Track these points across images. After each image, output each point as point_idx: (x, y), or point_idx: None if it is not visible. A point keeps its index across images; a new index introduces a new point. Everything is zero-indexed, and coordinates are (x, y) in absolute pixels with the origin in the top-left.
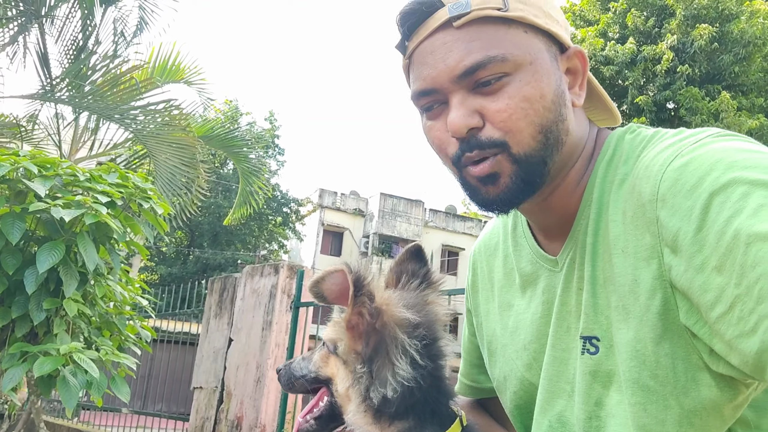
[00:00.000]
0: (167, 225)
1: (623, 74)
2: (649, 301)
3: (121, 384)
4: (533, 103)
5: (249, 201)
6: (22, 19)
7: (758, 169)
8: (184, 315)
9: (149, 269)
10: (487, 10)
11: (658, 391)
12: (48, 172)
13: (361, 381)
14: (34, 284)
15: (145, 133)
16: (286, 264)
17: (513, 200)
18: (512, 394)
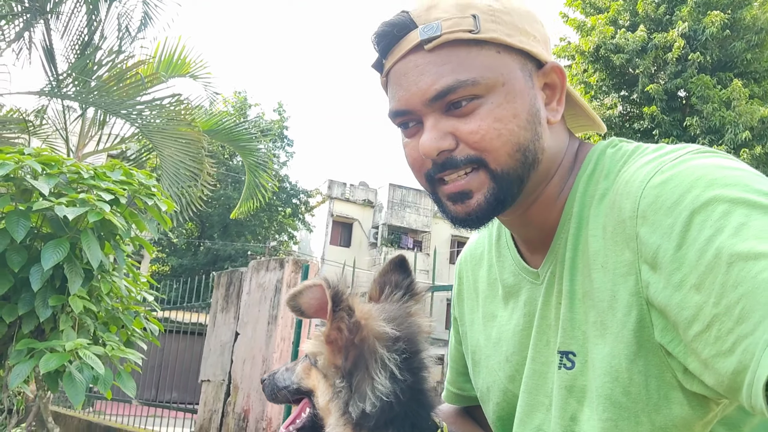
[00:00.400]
0: (171, 221)
1: (634, 62)
2: (625, 317)
3: (127, 379)
4: (506, 123)
5: (255, 194)
6: (28, 15)
7: (738, 186)
8: (195, 307)
9: (160, 260)
10: (458, 33)
11: (630, 408)
12: (52, 170)
13: (340, 395)
14: (40, 281)
15: (150, 128)
16: (291, 259)
17: (481, 219)
18: (495, 405)
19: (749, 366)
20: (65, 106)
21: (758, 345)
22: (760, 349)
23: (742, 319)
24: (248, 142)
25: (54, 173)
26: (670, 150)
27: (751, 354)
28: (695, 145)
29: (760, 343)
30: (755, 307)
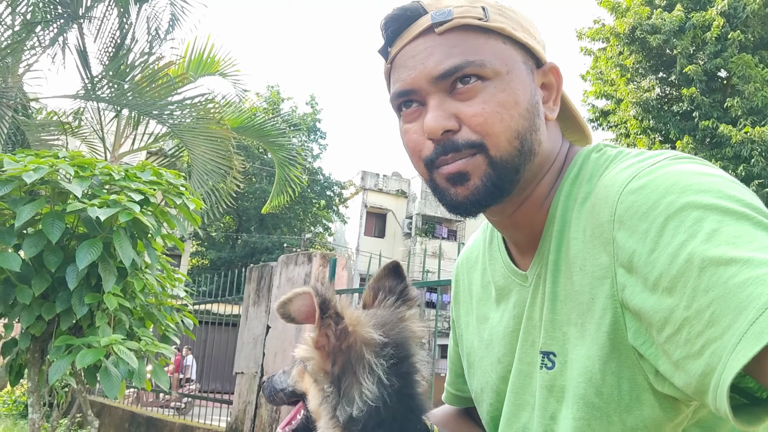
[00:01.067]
0: (201, 219)
1: (671, 43)
2: (600, 319)
3: (161, 373)
4: (508, 108)
5: (286, 189)
6: (61, 21)
7: (711, 193)
8: (233, 299)
9: (200, 254)
10: (468, 19)
11: (603, 408)
12: (85, 173)
13: (328, 399)
14: (75, 280)
15: (181, 127)
16: (319, 253)
17: (481, 202)
18: (488, 405)
19: (716, 369)
20: (100, 108)
21: (726, 348)
22: (727, 352)
23: (712, 323)
24: (277, 137)
25: (87, 175)
26: (649, 156)
27: (719, 357)
28: (674, 151)
29: (728, 346)
30: (725, 312)
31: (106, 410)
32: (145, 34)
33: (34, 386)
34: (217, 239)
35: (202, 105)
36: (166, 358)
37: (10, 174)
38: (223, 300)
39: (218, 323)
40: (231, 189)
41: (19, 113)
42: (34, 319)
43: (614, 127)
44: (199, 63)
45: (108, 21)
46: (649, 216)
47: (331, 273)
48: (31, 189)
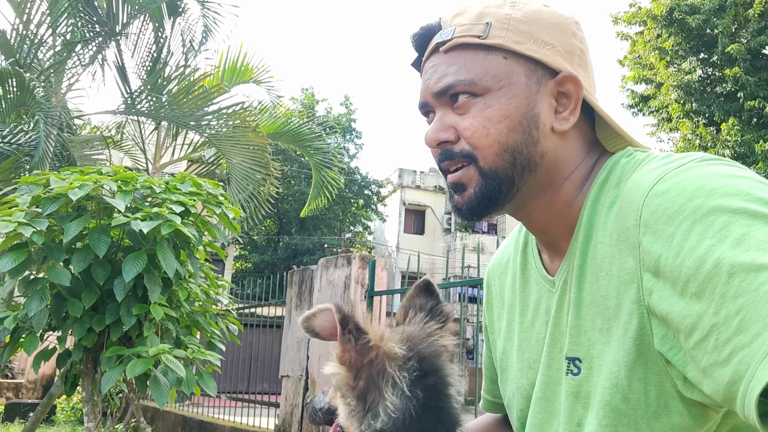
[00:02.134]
0: (240, 226)
1: (711, 22)
2: (627, 325)
3: (209, 379)
4: (495, 123)
5: (323, 192)
6: (100, 39)
7: (740, 196)
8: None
9: (243, 258)
10: (466, 38)
11: (630, 415)
12: (127, 187)
13: (354, 414)
14: (123, 292)
15: (218, 136)
16: (358, 255)
17: (475, 211)
18: (518, 411)
19: (744, 377)
20: (140, 121)
21: (755, 357)
22: (756, 360)
23: (741, 330)
24: (313, 141)
25: (129, 190)
26: (675, 158)
27: (747, 365)
28: (702, 153)
29: (757, 354)
30: (754, 319)
31: (160, 414)
32: (180, 46)
33: (88, 395)
34: (259, 243)
35: (237, 113)
36: (213, 365)
37: (57, 192)
38: (266, 303)
39: (263, 325)
40: (269, 194)
41: (64, 131)
42: (85, 331)
43: (655, 112)
44: (233, 72)
45: (144, 36)
46: (675, 220)
47: (370, 274)
48: (78, 205)
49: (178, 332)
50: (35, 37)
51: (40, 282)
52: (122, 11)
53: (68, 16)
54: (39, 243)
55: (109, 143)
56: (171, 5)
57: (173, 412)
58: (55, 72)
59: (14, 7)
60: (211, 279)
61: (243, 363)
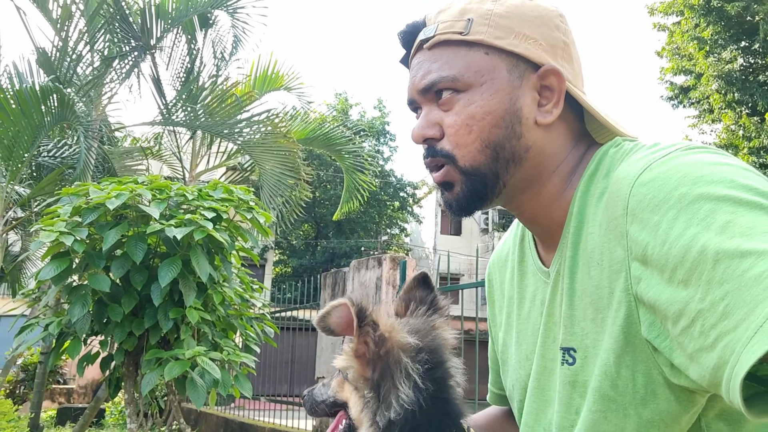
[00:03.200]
0: (271, 231)
1: (752, 9)
2: (616, 313)
3: (244, 381)
4: (478, 120)
5: (355, 196)
6: (135, 53)
7: (723, 183)
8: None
9: (282, 262)
10: (448, 35)
11: (618, 401)
12: (161, 196)
13: (369, 405)
14: (160, 297)
15: (250, 144)
16: (389, 256)
17: (464, 207)
18: (519, 402)
19: (728, 361)
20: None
21: (739, 341)
22: (741, 345)
23: (726, 316)
24: (344, 145)
25: (163, 198)
26: (661, 147)
27: (731, 350)
28: (687, 142)
29: (741, 339)
30: (739, 305)
31: (203, 417)
32: (212, 57)
33: (131, 398)
34: (297, 247)
35: (269, 120)
36: (248, 367)
37: (96, 202)
38: (302, 306)
39: (303, 329)
40: (301, 199)
41: (104, 143)
42: (126, 335)
43: (696, 103)
44: (264, 80)
45: (177, 48)
46: (661, 208)
47: (401, 275)
48: (116, 214)
49: (214, 335)
50: (74, 54)
51: (83, 288)
52: (156, 26)
53: (105, 32)
54: (80, 251)
55: (147, 154)
56: (202, 17)
57: (215, 414)
58: (94, 87)
59: (53, 26)
60: (246, 283)
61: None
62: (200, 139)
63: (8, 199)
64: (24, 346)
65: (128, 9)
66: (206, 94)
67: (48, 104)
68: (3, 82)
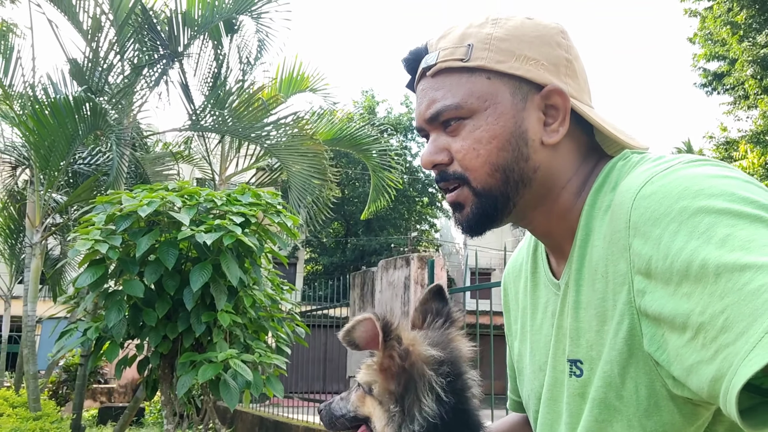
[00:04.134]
0: (299, 233)
1: None
2: (619, 325)
3: (275, 382)
4: (484, 144)
5: (382, 194)
6: (164, 61)
7: (724, 196)
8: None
9: (314, 260)
10: (449, 62)
11: (623, 411)
12: (191, 202)
13: (394, 419)
14: (192, 301)
15: (277, 146)
16: (416, 255)
17: (475, 228)
18: (534, 413)
19: (726, 374)
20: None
21: (738, 354)
22: (739, 358)
23: (725, 329)
24: (370, 144)
25: (193, 204)
26: (665, 160)
27: (730, 362)
28: (691, 155)
29: (740, 352)
30: (738, 318)
31: (238, 415)
32: (237, 62)
33: (167, 399)
34: (328, 245)
35: (296, 122)
36: (279, 368)
37: (128, 210)
38: (333, 305)
39: (336, 326)
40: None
41: (136, 150)
42: (160, 339)
43: (730, 89)
44: (290, 82)
45: (204, 54)
46: (662, 222)
47: (429, 274)
48: (149, 220)
49: (246, 337)
50: (105, 63)
51: (118, 294)
52: (183, 33)
53: (134, 41)
54: (114, 258)
55: (177, 158)
56: (227, 23)
57: (251, 412)
58: (124, 95)
59: (84, 37)
60: (276, 285)
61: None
62: (229, 142)
63: (46, 207)
64: (64, 350)
65: (156, 18)
66: (233, 99)
67: (81, 113)
68: (38, 93)
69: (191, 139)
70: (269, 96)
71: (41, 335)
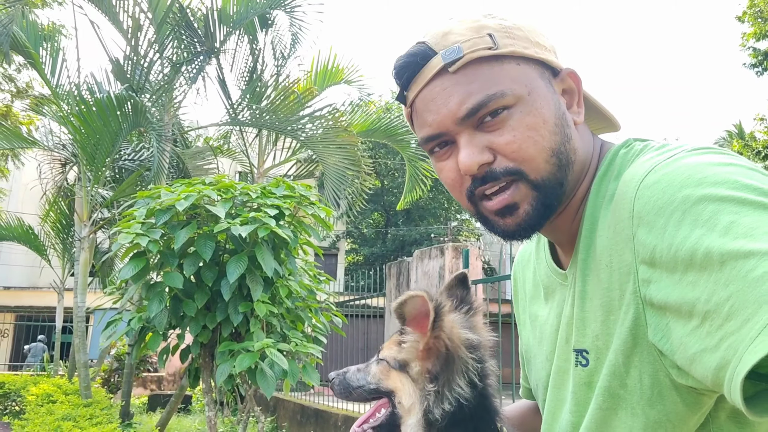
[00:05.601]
0: (332, 225)
1: None
2: (624, 315)
3: (311, 371)
4: (538, 129)
5: (417, 185)
6: (201, 58)
7: (727, 184)
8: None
9: (354, 251)
10: (479, 51)
11: (627, 399)
12: (227, 195)
13: (428, 398)
14: (229, 292)
15: (313, 139)
16: (451, 245)
17: (534, 226)
18: (542, 401)
19: (731, 361)
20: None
21: (742, 342)
22: (743, 346)
23: (730, 317)
24: (404, 134)
25: (228, 197)
26: (668, 149)
27: (734, 350)
28: (695, 143)
29: (744, 340)
30: (743, 306)
31: (281, 403)
32: (272, 57)
33: (208, 387)
34: (368, 236)
35: (330, 115)
36: (315, 357)
37: (167, 204)
38: (371, 295)
39: (373, 316)
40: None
41: (177, 145)
42: (200, 328)
43: None
44: (325, 74)
45: (240, 50)
46: (666, 211)
47: (464, 264)
48: (187, 214)
49: (283, 327)
50: (145, 62)
51: (159, 286)
52: (219, 29)
53: (172, 39)
54: (155, 251)
55: (217, 153)
56: (262, 19)
57: (292, 401)
58: (164, 92)
59: (125, 36)
60: (312, 275)
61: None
62: (266, 136)
63: (94, 202)
64: (111, 339)
65: (192, 15)
66: (269, 93)
67: (124, 111)
68: (83, 92)
69: (230, 134)
70: (304, 89)
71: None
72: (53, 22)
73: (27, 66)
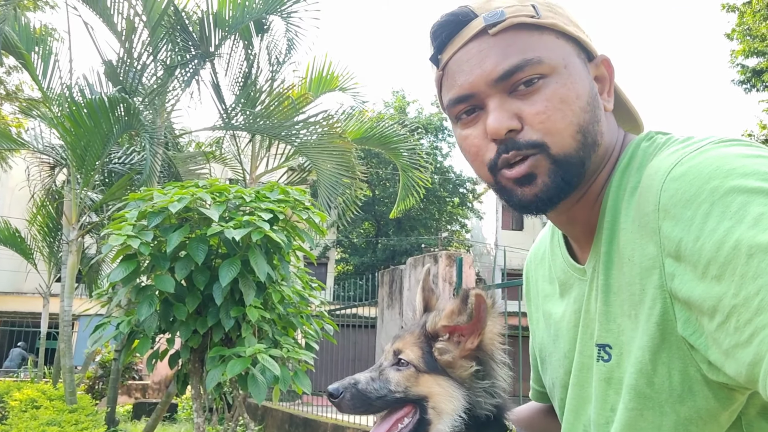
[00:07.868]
0: (326, 230)
1: None
2: (650, 310)
3: (303, 377)
4: (570, 103)
5: (411, 193)
6: (196, 61)
7: (756, 175)
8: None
9: (344, 260)
10: (521, 17)
11: (654, 398)
12: (220, 198)
13: (478, 395)
14: (221, 296)
15: (307, 145)
16: (445, 253)
17: (552, 199)
18: (559, 400)
19: (765, 357)
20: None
21: None
22: None
23: (761, 311)
24: (399, 143)
25: (222, 200)
26: (693, 141)
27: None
28: (721, 134)
29: None
30: None
31: (269, 412)
32: (267, 62)
33: (197, 393)
34: (358, 245)
35: (324, 121)
36: (307, 364)
37: (160, 206)
38: (362, 304)
39: (366, 326)
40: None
41: (169, 149)
42: (190, 333)
43: None
44: (320, 81)
45: (235, 54)
46: (693, 203)
47: (458, 272)
48: (180, 217)
49: (275, 333)
50: (138, 64)
51: (149, 289)
52: (214, 33)
53: (167, 42)
54: (146, 253)
55: (209, 157)
56: (257, 24)
57: (281, 409)
58: (158, 95)
59: (119, 38)
60: (304, 282)
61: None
62: (259, 141)
63: (82, 205)
64: (98, 344)
65: (188, 19)
66: (263, 98)
67: (116, 114)
68: (75, 94)
69: (222, 139)
70: (298, 95)
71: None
72: (45, 25)
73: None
